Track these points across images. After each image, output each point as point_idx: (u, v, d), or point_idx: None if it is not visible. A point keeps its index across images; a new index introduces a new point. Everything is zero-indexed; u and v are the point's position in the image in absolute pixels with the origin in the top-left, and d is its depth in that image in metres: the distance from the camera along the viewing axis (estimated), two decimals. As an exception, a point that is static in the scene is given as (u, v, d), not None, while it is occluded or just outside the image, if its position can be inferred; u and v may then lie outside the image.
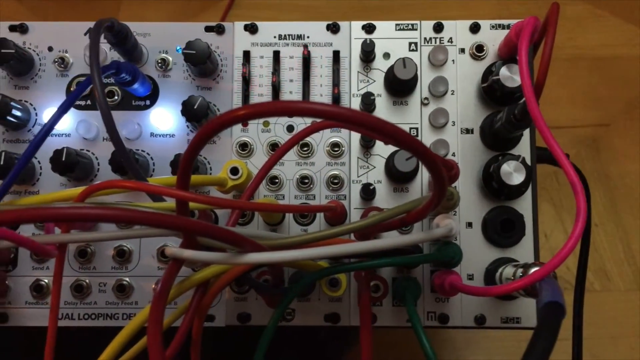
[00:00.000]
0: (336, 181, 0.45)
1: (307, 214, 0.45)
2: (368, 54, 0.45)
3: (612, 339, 0.74)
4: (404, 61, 0.43)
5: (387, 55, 0.47)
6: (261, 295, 0.41)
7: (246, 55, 0.47)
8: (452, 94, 0.46)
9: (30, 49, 0.47)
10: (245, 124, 0.46)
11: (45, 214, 0.26)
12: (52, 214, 0.26)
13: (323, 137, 0.46)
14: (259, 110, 0.26)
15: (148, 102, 0.47)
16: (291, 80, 0.47)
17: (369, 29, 0.47)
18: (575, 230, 0.32)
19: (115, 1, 0.95)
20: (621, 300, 0.75)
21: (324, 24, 0.47)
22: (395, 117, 0.46)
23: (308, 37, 0.47)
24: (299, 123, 0.47)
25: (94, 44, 0.36)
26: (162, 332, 0.29)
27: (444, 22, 0.47)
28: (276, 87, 0.47)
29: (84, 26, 0.47)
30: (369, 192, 0.44)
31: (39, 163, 0.46)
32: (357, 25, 0.47)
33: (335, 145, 0.46)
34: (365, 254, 0.35)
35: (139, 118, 0.46)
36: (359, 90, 0.47)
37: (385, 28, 0.47)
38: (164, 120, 0.46)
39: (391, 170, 0.44)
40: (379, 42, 0.46)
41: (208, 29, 0.47)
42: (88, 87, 0.38)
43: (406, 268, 0.44)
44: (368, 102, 0.44)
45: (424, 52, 0.47)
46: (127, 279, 0.45)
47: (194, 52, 0.43)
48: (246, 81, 0.47)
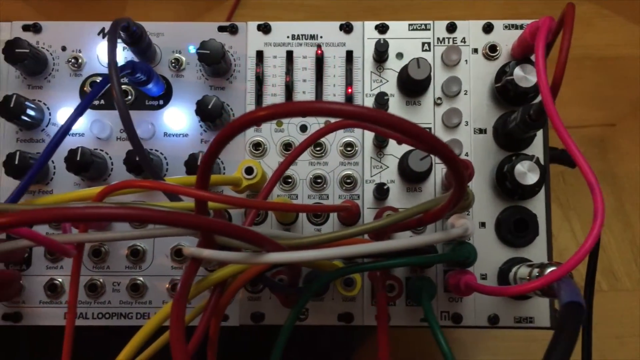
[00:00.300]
0: (349, 181, 0.45)
1: (321, 213, 0.45)
2: (382, 54, 0.46)
3: (619, 339, 0.74)
4: (418, 61, 0.43)
5: (400, 55, 0.47)
6: (276, 294, 0.41)
7: (259, 55, 0.47)
8: (465, 94, 0.46)
9: (43, 48, 0.47)
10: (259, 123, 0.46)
11: (70, 213, 0.26)
12: (77, 214, 0.26)
13: (336, 137, 0.46)
14: (279, 111, 0.26)
15: (161, 102, 0.47)
16: (304, 80, 0.47)
17: (382, 29, 0.47)
18: (593, 230, 0.32)
19: (120, 1, 0.95)
20: (629, 299, 0.76)
21: (337, 24, 0.47)
22: (408, 117, 0.46)
23: (321, 37, 0.47)
24: (312, 123, 0.47)
25: (111, 45, 0.36)
26: (185, 329, 0.29)
27: (457, 22, 0.47)
28: (289, 87, 0.47)
29: (97, 26, 0.47)
30: (382, 191, 0.44)
31: (52, 162, 0.46)
32: (370, 25, 0.47)
33: (349, 145, 0.46)
34: (384, 254, 0.35)
35: (153, 118, 0.46)
36: (372, 90, 0.47)
37: (398, 28, 0.47)
38: (177, 120, 0.46)
39: (405, 170, 0.44)
40: (392, 42, 0.46)
41: (221, 28, 0.47)
42: (105, 87, 0.38)
43: (420, 268, 0.44)
44: (382, 102, 0.45)
45: (437, 52, 0.47)
46: (140, 278, 0.45)
47: (208, 52, 0.44)
48: (259, 81, 0.47)
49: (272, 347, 0.36)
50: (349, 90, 0.46)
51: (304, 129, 0.47)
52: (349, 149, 0.46)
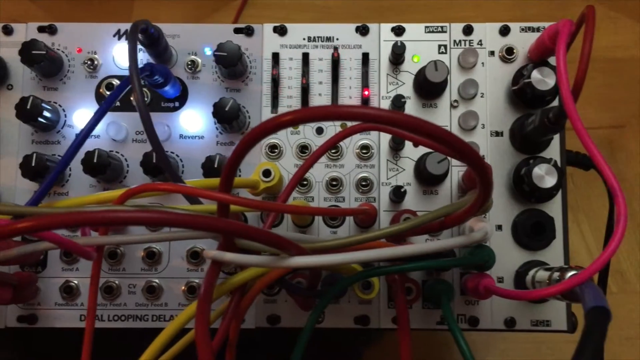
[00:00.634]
0: (365, 183, 0.45)
1: (337, 216, 0.45)
2: (399, 56, 0.45)
3: (630, 340, 0.74)
4: (435, 64, 0.43)
5: (417, 58, 0.47)
6: (294, 297, 0.41)
7: (275, 57, 0.47)
8: (482, 96, 0.46)
9: (59, 50, 0.47)
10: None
11: (99, 217, 0.26)
12: (107, 218, 0.26)
13: (352, 140, 0.46)
14: (306, 115, 0.26)
15: (177, 104, 0.47)
16: (320, 83, 0.47)
17: (398, 31, 0.47)
18: (616, 234, 0.32)
19: (128, 1, 0.95)
20: (638, 301, 0.76)
21: (353, 26, 0.47)
22: (425, 119, 0.46)
23: (337, 39, 0.47)
24: (328, 125, 0.47)
25: (132, 47, 0.36)
26: (209, 330, 0.29)
27: (474, 25, 0.47)
28: (305, 89, 0.46)
29: (112, 27, 0.47)
30: (399, 194, 0.44)
31: (67, 164, 0.46)
32: (387, 27, 0.47)
33: (365, 147, 0.46)
34: (408, 257, 0.35)
35: (168, 119, 0.46)
36: (388, 93, 0.47)
37: (414, 30, 0.47)
38: (193, 121, 0.46)
39: (422, 173, 0.44)
40: (408, 45, 0.46)
41: (237, 30, 0.47)
42: (125, 90, 0.38)
43: (436, 271, 0.44)
44: (399, 104, 0.44)
45: (453, 55, 0.47)
46: (156, 280, 0.45)
47: (225, 54, 0.43)
48: (275, 83, 0.47)
49: (290, 350, 0.36)
50: (366, 93, 0.46)
51: (320, 131, 0.46)
52: (364, 151, 0.46)
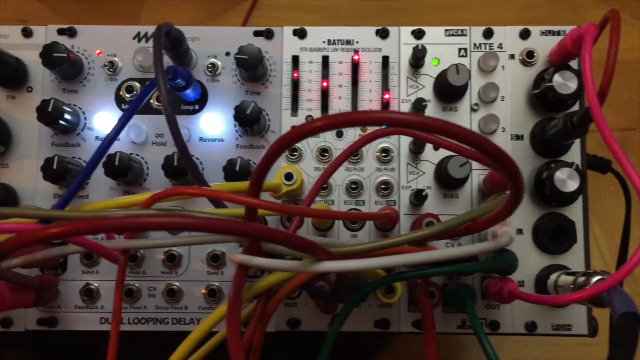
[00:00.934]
0: (385, 187, 0.45)
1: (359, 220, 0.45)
2: (419, 59, 0.45)
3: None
4: (457, 67, 0.43)
5: (436, 61, 0.47)
6: (317, 301, 0.41)
7: (295, 60, 0.47)
8: (502, 100, 0.46)
9: (79, 52, 0.47)
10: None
11: (131, 222, 0.26)
12: (139, 223, 0.26)
13: (372, 143, 0.46)
14: (336, 122, 0.26)
15: (197, 107, 0.47)
16: (340, 86, 0.47)
17: (418, 34, 0.47)
18: (644, 239, 0.32)
19: (137, 1, 0.95)
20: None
21: (373, 29, 0.47)
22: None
23: (357, 42, 0.47)
24: (348, 129, 0.46)
25: (157, 50, 0.36)
26: (240, 333, 0.29)
27: (494, 28, 0.47)
28: (325, 93, 0.46)
29: (132, 30, 0.47)
30: (420, 198, 0.44)
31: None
32: (407, 30, 0.47)
33: (385, 150, 0.46)
34: (435, 263, 0.35)
35: (188, 122, 0.46)
36: (408, 96, 0.47)
37: (434, 33, 0.47)
38: (213, 124, 0.46)
39: (442, 176, 0.44)
40: (428, 48, 0.46)
41: (257, 33, 0.47)
42: (151, 93, 0.38)
43: (457, 275, 0.44)
44: (420, 107, 0.44)
45: (474, 58, 0.47)
46: (176, 283, 0.45)
47: (246, 57, 0.43)
48: (295, 86, 0.47)
49: (314, 355, 0.36)
50: (386, 96, 0.46)
51: (340, 134, 0.46)
52: (384, 154, 0.46)
